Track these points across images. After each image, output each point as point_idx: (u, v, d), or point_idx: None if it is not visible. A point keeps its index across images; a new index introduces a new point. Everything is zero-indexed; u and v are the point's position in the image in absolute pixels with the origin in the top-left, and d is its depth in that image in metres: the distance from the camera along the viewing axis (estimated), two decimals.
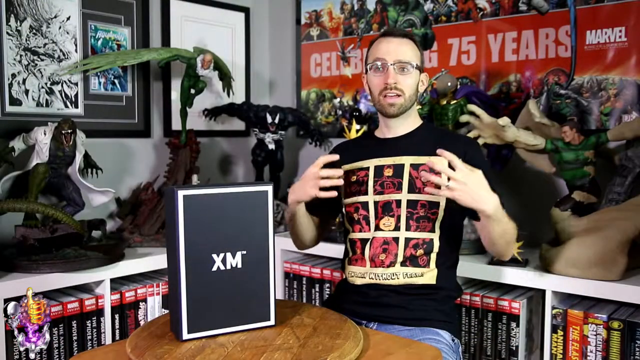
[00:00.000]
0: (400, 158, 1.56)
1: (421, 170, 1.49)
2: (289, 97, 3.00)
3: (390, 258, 1.51)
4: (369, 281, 1.54)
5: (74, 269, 1.89)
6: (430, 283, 1.52)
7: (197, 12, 2.72)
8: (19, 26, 2.14)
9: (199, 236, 1.17)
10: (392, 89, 1.53)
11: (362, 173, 1.60)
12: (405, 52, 1.55)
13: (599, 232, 1.77)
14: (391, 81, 1.53)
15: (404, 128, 1.62)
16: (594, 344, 1.75)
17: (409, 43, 1.57)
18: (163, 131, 2.61)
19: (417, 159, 1.54)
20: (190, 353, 1.12)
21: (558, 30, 2.16)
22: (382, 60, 1.55)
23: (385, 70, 1.54)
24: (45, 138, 2.02)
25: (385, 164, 1.57)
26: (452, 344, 1.50)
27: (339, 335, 1.21)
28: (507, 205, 1.45)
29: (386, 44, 1.56)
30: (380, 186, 1.56)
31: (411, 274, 1.51)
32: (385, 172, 1.56)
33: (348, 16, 2.75)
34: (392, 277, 1.51)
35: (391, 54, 1.54)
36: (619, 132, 1.89)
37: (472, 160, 1.46)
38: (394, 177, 1.55)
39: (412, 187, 1.52)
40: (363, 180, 1.59)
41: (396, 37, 1.57)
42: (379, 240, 1.53)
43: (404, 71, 1.54)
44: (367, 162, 1.60)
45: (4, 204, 1.84)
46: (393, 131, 1.62)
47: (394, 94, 1.54)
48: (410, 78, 1.55)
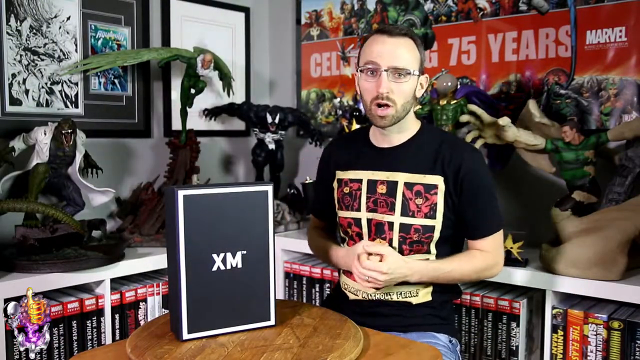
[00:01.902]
0: (394, 174, 1.46)
1: None
2: (289, 97, 3.00)
3: None
4: (362, 298, 1.51)
5: (74, 269, 1.89)
6: (426, 300, 1.48)
7: (197, 12, 2.72)
8: (19, 26, 2.14)
9: (199, 236, 1.17)
10: (384, 98, 1.39)
11: (355, 186, 1.52)
12: (401, 56, 1.38)
13: (599, 232, 1.77)
14: (383, 91, 1.38)
15: (400, 137, 1.49)
16: (594, 344, 1.75)
17: (407, 44, 1.40)
18: (163, 131, 2.61)
19: (412, 177, 1.44)
20: (191, 353, 1.12)
21: (558, 30, 2.16)
22: (375, 64, 1.39)
23: (378, 76, 1.39)
24: (46, 138, 2.01)
25: (378, 179, 1.48)
26: (449, 345, 1.49)
27: (339, 335, 1.21)
28: (507, 205, 1.44)
29: (381, 45, 1.39)
30: (374, 204, 1.48)
31: (406, 294, 1.47)
32: (378, 188, 1.47)
33: (348, 16, 2.75)
34: (386, 296, 1.48)
35: (385, 58, 1.38)
36: (619, 132, 1.88)
37: (467, 177, 1.42)
38: (387, 195, 1.46)
39: (405, 209, 1.43)
40: (356, 194, 1.51)
41: (393, 37, 1.39)
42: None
43: (399, 78, 1.39)
44: (360, 172, 1.52)
45: (4, 204, 1.84)
46: (388, 140, 1.50)
47: (384, 104, 1.40)
48: (405, 85, 1.40)
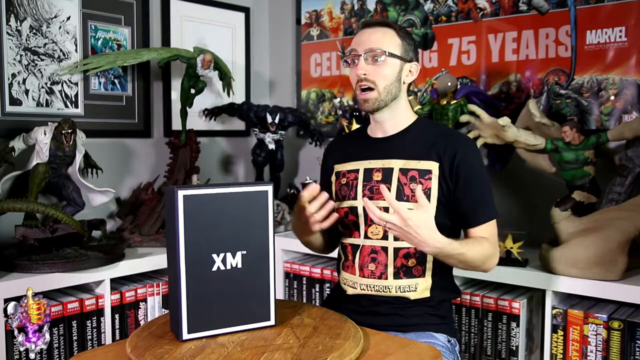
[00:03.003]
0: (389, 161, 1.49)
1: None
2: (289, 97, 3.00)
3: (381, 269, 1.47)
4: (360, 292, 1.50)
5: (74, 269, 1.89)
6: (424, 297, 1.48)
7: (197, 12, 2.72)
8: (19, 26, 2.14)
9: (199, 236, 1.17)
10: (363, 80, 1.45)
11: (352, 175, 1.55)
12: (377, 40, 1.45)
13: (599, 232, 1.77)
14: (360, 72, 1.44)
15: (394, 125, 1.53)
16: (594, 344, 1.75)
17: (385, 31, 1.46)
18: (163, 131, 2.61)
19: (407, 163, 1.47)
20: (191, 353, 1.12)
21: (558, 30, 2.16)
22: (355, 51, 1.47)
23: (358, 62, 1.46)
24: (46, 138, 2.01)
25: (374, 167, 1.51)
26: (448, 345, 1.49)
27: (339, 335, 1.21)
28: (507, 205, 1.45)
29: (360, 35, 1.48)
30: (370, 191, 1.50)
31: (404, 288, 1.47)
32: (374, 176, 1.50)
33: (348, 16, 2.75)
34: (384, 290, 1.47)
35: (362, 44, 1.46)
36: (619, 132, 1.88)
37: (462, 164, 1.44)
38: (383, 182, 1.48)
39: (400, 194, 1.45)
40: (352, 184, 1.54)
41: (371, 27, 1.48)
42: (367, 249, 1.49)
43: (377, 61, 1.44)
44: (357, 163, 1.55)
45: (4, 204, 1.84)
46: (382, 129, 1.54)
47: (365, 86, 1.45)
48: (384, 67, 1.44)
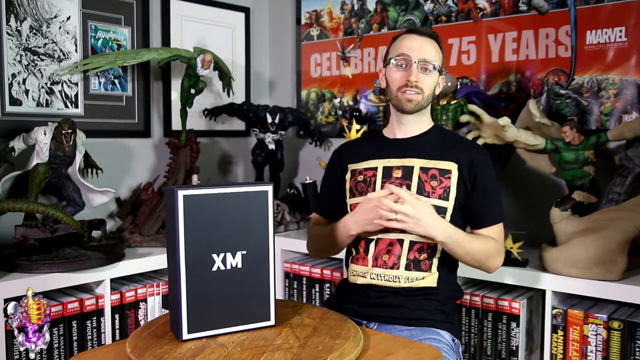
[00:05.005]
0: (409, 160, 1.55)
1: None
2: (289, 97, 3.00)
3: (393, 259, 1.51)
4: (370, 281, 1.53)
5: (74, 269, 1.89)
6: (431, 286, 1.52)
7: (197, 12, 2.72)
8: (19, 26, 2.14)
9: (199, 236, 1.17)
10: (413, 87, 1.53)
11: (369, 173, 1.59)
12: (429, 51, 1.54)
13: (598, 232, 1.77)
14: (413, 79, 1.52)
15: (415, 128, 1.60)
16: (594, 344, 1.75)
17: (434, 43, 1.56)
18: (163, 131, 2.61)
19: (427, 163, 1.54)
20: (191, 353, 1.12)
21: (558, 30, 2.16)
22: (406, 56, 1.54)
23: (408, 68, 1.53)
24: (45, 138, 2.01)
25: (394, 165, 1.56)
26: (452, 344, 1.50)
27: (339, 335, 1.21)
28: (507, 205, 1.46)
29: (411, 41, 1.55)
30: None
31: (412, 278, 1.51)
32: (393, 173, 1.55)
33: (348, 16, 2.75)
34: (394, 280, 1.51)
35: (415, 52, 1.53)
36: (619, 132, 1.88)
37: (479, 168, 1.53)
38: (403, 178, 1.54)
39: (420, 190, 1.51)
40: (370, 180, 1.58)
41: (422, 36, 1.56)
42: (385, 242, 1.53)
43: (426, 71, 1.54)
44: (374, 162, 1.59)
45: (4, 204, 1.84)
46: (404, 130, 1.60)
47: (413, 92, 1.53)
48: (430, 78, 1.55)
